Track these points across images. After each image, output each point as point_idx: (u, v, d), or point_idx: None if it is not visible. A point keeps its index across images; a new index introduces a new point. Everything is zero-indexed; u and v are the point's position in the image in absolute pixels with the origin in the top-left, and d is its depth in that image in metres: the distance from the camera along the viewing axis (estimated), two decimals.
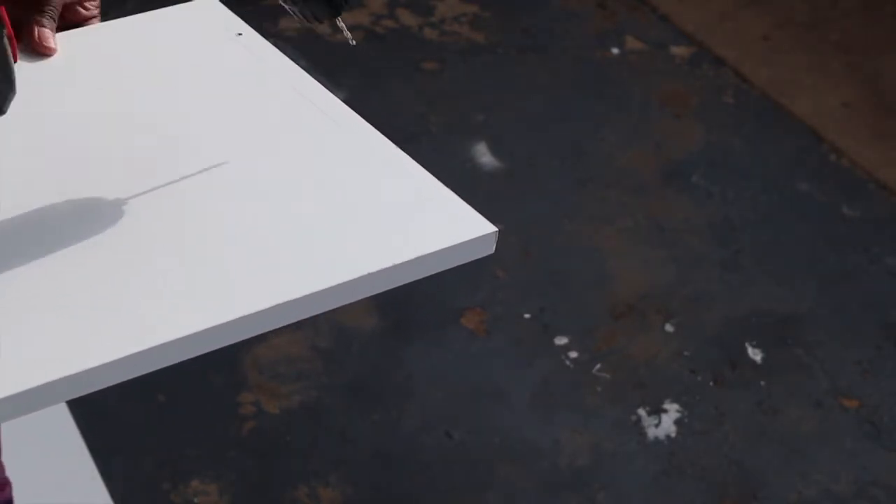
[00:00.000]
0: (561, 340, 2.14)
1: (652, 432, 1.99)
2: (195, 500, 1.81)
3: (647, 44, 2.98)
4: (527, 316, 2.18)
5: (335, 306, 0.85)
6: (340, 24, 0.97)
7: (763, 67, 2.91)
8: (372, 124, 1.03)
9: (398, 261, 0.86)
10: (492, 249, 0.91)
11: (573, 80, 2.84)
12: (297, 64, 1.08)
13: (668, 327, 2.19)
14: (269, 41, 1.13)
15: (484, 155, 2.56)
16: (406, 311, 2.16)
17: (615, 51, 2.95)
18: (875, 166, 2.61)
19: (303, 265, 0.85)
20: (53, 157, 0.93)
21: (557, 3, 3.11)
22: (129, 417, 1.91)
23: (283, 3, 0.92)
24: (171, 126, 0.97)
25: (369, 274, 0.84)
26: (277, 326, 0.82)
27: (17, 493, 1.55)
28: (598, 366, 2.10)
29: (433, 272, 0.89)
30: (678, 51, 2.96)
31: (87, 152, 0.94)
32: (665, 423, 2.01)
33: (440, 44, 2.91)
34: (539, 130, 2.67)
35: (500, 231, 0.92)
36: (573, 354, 2.12)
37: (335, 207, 0.91)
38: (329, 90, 1.05)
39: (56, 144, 0.95)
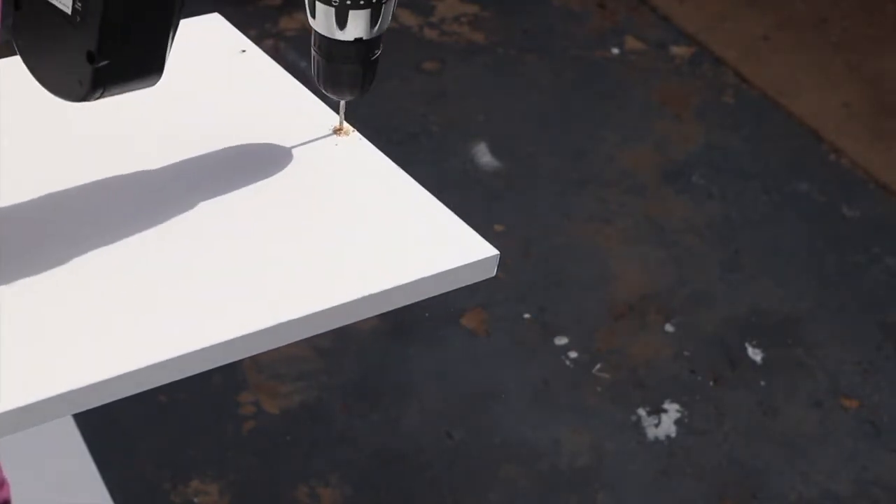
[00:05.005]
0: (561, 340, 2.14)
1: (652, 432, 1.99)
2: (195, 500, 1.81)
3: (647, 44, 2.98)
4: (527, 316, 2.18)
5: (332, 327, 0.84)
6: (342, 107, 0.97)
7: (763, 67, 2.91)
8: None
9: (397, 283, 0.86)
10: (493, 272, 0.91)
11: (573, 80, 2.84)
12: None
13: (668, 327, 2.19)
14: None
15: (484, 155, 2.56)
16: (406, 311, 2.15)
17: (615, 51, 2.95)
18: (875, 166, 2.61)
19: (300, 287, 0.84)
20: (56, 169, 0.93)
21: (557, 3, 3.11)
22: (130, 417, 1.91)
23: (313, 50, 0.93)
24: (173, 142, 0.97)
25: (369, 296, 0.84)
26: (274, 347, 0.82)
27: (17, 494, 1.55)
28: (598, 366, 2.10)
29: (433, 294, 0.89)
30: (678, 51, 2.96)
31: (87, 167, 0.94)
32: (665, 423, 2.01)
33: (440, 44, 2.91)
34: (539, 130, 2.67)
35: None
36: (573, 354, 2.12)
37: (334, 228, 0.91)
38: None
39: (58, 156, 0.95)
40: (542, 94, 2.78)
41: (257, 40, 1.14)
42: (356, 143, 1.00)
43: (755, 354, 2.15)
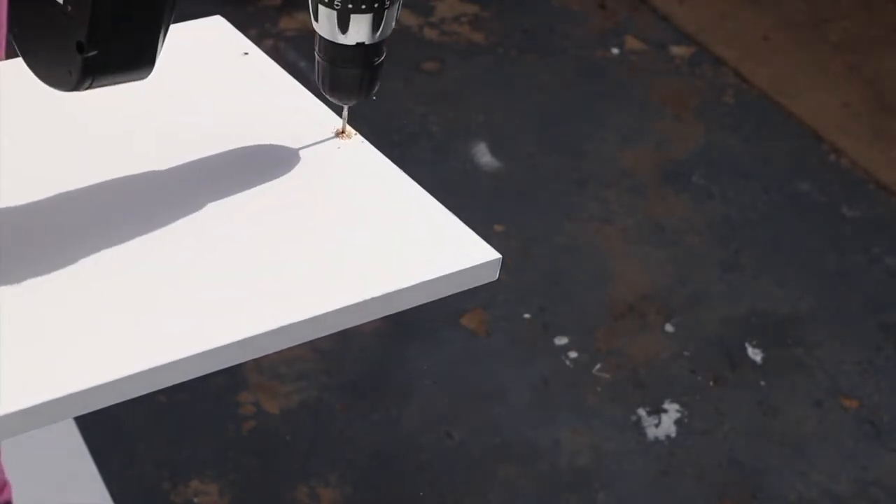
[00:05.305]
0: (561, 340, 2.14)
1: (652, 432, 1.99)
2: (195, 500, 1.81)
3: (647, 44, 2.98)
4: (527, 316, 2.18)
5: (333, 331, 0.84)
6: (345, 111, 0.98)
7: (763, 67, 2.91)
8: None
9: (399, 287, 0.86)
10: (495, 276, 0.90)
11: (573, 80, 2.84)
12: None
13: (668, 327, 2.19)
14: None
15: (484, 155, 2.56)
16: (406, 311, 2.15)
17: (615, 51, 2.95)
18: (875, 166, 2.61)
19: (301, 290, 0.84)
20: (58, 170, 0.93)
21: (557, 3, 3.11)
22: (129, 418, 1.91)
23: (316, 54, 0.93)
24: (174, 144, 0.97)
25: (371, 299, 0.84)
26: (275, 350, 0.82)
27: (17, 494, 1.55)
28: (598, 366, 2.10)
29: (435, 298, 0.88)
30: (678, 51, 2.96)
31: (89, 168, 0.94)
32: (665, 423, 2.01)
33: (440, 44, 2.91)
34: (539, 130, 2.67)
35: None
36: (573, 354, 2.12)
37: (336, 231, 0.91)
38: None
39: (60, 157, 0.95)
40: (542, 94, 2.78)
41: (257, 40, 1.14)
42: (358, 147, 1.00)
43: (755, 354, 2.15)
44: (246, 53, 1.10)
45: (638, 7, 3.11)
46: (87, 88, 0.76)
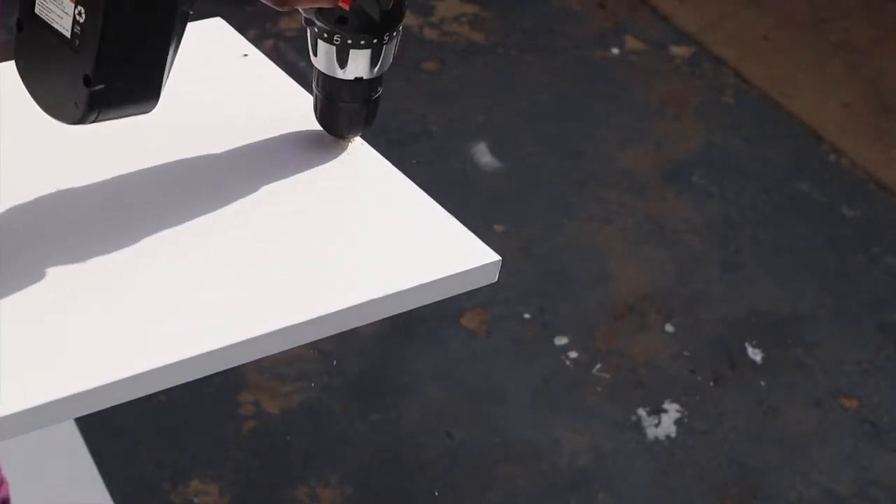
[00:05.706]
0: (561, 340, 2.14)
1: (652, 432, 1.99)
2: (195, 500, 1.81)
3: (647, 44, 2.98)
4: (527, 316, 2.18)
5: (333, 332, 0.85)
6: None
7: (763, 67, 2.91)
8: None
9: (400, 288, 0.86)
10: (495, 278, 0.91)
11: (573, 80, 2.84)
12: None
13: (668, 327, 2.19)
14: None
15: (484, 155, 2.56)
16: (406, 311, 2.16)
17: (615, 51, 2.95)
18: (875, 166, 2.61)
19: (302, 291, 0.84)
20: (59, 172, 0.93)
21: (557, 3, 3.11)
22: (130, 417, 1.91)
23: (314, 88, 0.94)
24: (174, 146, 0.97)
25: (372, 301, 0.85)
26: (275, 351, 0.82)
27: (17, 493, 1.55)
28: (598, 366, 2.10)
29: (436, 299, 0.89)
30: (678, 51, 2.96)
31: (90, 170, 0.94)
32: (665, 423, 2.01)
33: (440, 44, 2.91)
34: (539, 130, 2.67)
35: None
36: (573, 354, 2.12)
37: (337, 233, 0.91)
38: None
39: (61, 159, 0.95)
40: (542, 95, 2.78)
41: (257, 40, 1.14)
42: (359, 149, 1.00)
43: (755, 354, 2.15)
44: (245, 55, 1.10)
45: (638, 7, 3.11)
46: (92, 122, 0.77)
